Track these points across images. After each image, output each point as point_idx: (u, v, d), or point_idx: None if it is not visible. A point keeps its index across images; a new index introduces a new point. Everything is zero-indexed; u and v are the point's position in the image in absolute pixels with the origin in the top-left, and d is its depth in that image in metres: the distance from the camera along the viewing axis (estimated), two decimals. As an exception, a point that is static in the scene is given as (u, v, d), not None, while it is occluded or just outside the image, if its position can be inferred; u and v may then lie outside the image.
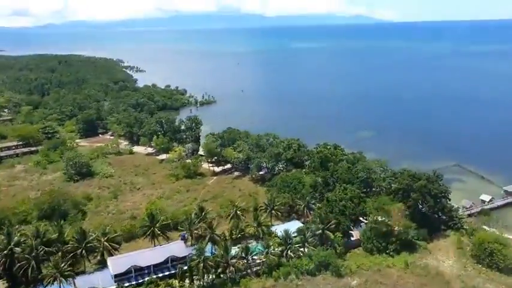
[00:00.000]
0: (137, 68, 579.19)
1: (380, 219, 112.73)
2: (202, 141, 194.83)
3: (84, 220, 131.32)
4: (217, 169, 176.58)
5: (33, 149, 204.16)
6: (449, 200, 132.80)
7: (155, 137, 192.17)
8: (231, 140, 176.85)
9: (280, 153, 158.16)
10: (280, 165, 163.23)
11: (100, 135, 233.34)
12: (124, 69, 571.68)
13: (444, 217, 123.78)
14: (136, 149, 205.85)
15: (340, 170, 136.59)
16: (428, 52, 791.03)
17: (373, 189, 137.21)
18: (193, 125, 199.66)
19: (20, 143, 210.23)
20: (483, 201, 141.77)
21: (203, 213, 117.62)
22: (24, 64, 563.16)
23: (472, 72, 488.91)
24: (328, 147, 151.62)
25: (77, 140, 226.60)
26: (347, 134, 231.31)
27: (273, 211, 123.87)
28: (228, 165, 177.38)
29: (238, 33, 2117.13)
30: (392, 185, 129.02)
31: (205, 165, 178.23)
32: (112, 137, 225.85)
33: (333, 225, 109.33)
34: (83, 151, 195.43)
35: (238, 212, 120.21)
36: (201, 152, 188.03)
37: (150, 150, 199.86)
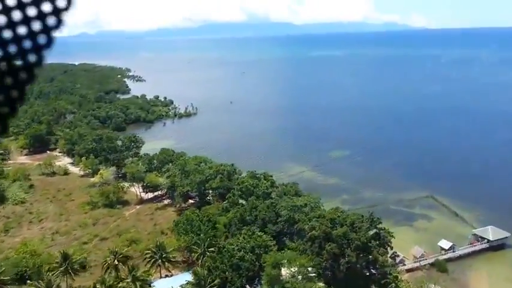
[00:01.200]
0: (139, 77, 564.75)
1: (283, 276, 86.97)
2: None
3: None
4: (146, 196, 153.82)
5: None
6: (392, 248, 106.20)
7: (84, 157, 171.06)
8: (161, 163, 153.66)
9: (205, 181, 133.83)
10: (211, 195, 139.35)
11: (48, 152, 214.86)
12: (126, 78, 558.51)
13: (376, 274, 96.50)
14: (74, 169, 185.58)
15: (260, 207, 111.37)
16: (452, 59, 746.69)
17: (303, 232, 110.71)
18: (132, 144, 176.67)
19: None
20: (442, 249, 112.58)
21: (67, 262, 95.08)
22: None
23: (495, 84, 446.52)
24: (258, 175, 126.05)
25: (22, 157, 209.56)
26: (318, 153, 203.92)
27: (162, 260, 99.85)
28: (159, 192, 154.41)
29: (264, 41, 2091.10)
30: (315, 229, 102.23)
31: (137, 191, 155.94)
32: (59, 154, 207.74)
33: (216, 286, 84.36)
34: (11, 170, 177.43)
35: (117, 261, 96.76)
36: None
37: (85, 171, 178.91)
